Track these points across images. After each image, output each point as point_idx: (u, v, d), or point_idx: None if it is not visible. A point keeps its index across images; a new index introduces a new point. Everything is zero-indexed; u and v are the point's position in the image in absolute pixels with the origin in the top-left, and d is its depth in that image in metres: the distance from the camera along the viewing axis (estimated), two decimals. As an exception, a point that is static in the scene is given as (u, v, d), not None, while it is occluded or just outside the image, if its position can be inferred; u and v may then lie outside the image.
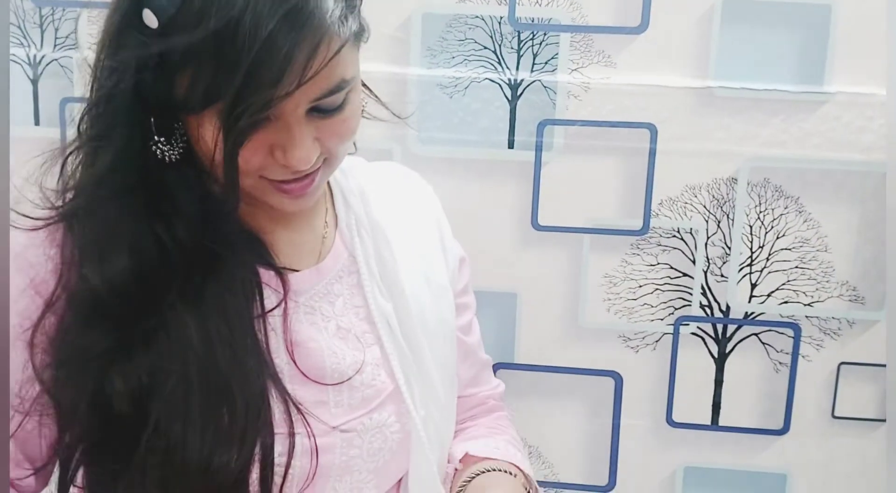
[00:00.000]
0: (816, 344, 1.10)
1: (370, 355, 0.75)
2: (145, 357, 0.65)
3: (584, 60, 1.06)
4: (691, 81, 1.06)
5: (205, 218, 0.68)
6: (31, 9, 1.12)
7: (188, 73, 0.60)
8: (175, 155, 0.66)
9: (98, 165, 0.65)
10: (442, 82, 1.08)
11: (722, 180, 1.07)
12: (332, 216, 0.79)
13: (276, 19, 0.57)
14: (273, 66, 0.58)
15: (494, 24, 1.06)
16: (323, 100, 0.63)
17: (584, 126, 1.07)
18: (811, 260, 1.08)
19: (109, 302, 0.64)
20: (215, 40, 0.58)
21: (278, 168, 0.65)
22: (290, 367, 0.71)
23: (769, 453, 1.13)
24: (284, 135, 0.63)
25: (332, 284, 0.76)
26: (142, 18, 0.61)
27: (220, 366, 0.66)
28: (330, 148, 0.67)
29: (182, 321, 0.66)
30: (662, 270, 1.10)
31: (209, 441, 0.64)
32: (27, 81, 1.14)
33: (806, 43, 1.04)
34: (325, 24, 0.60)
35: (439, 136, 1.09)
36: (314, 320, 0.74)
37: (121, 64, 0.62)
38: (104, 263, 0.65)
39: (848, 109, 1.04)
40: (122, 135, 0.64)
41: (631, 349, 1.12)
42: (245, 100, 0.58)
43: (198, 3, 0.58)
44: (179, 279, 0.66)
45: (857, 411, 1.11)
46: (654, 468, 1.14)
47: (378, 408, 0.75)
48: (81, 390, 0.64)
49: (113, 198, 0.65)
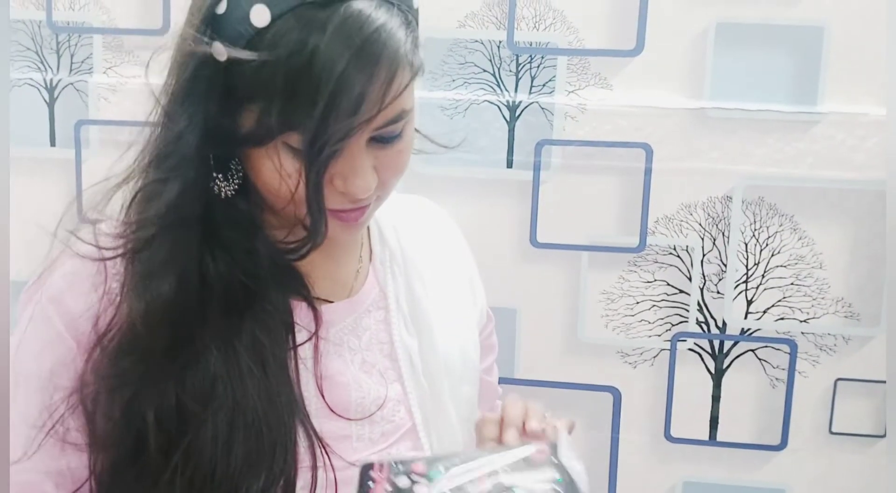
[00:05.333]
0: (813, 360, 1.11)
1: (392, 391, 0.76)
2: (177, 389, 0.65)
3: (580, 82, 1.09)
4: (686, 102, 1.08)
5: (252, 253, 0.69)
6: (49, 35, 1.17)
7: (258, 106, 0.61)
8: (231, 191, 0.67)
9: (164, 199, 0.65)
10: (443, 104, 1.11)
11: (717, 199, 1.09)
12: (367, 251, 0.80)
13: (351, 51, 0.58)
14: (350, 98, 0.59)
15: (493, 48, 1.10)
16: (384, 129, 0.64)
17: (581, 146, 1.10)
18: (806, 277, 1.10)
19: (144, 332, 0.65)
20: (289, 74, 0.58)
21: (337, 196, 0.66)
22: (317, 400, 0.71)
23: (767, 468, 1.14)
24: (346, 164, 0.64)
25: (362, 318, 0.77)
26: (211, 54, 0.61)
27: (251, 402, 0.66)
28: (385, 180, 0.68)
29: (213, 353, 0.66)
30: (659, 286, 1.12)
31: (236, 470, 0.65)
32: (44, 104, 1.18)
33: (799, 64, 1.07)
34: (399, 55, 0.61)
35: (440, 156, 1.11)
36: (341, 353, 0.74)
37: (193, 100, 0.63)
38: (148, 293, 0.65)
39: (841, 129, 1.06)
40: (189, 171, 0.65)
41: (629, 365, 1.14)
42: (326, 131, 0.59)
43: (269, 37, 0.59)
44: (217, 313, 0.67)
45: (855, 426, 1.12)
46: (653, 482, 1.16)
47: (396, 443, 0.75)
48: (112, 416, 0.65)
49: (171, 232, 0.66)
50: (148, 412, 0.65)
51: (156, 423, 0.65)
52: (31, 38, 1.17)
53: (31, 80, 1.17)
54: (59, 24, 1.16)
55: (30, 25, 1.16)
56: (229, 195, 0.67)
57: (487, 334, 0.90)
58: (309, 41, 0.58)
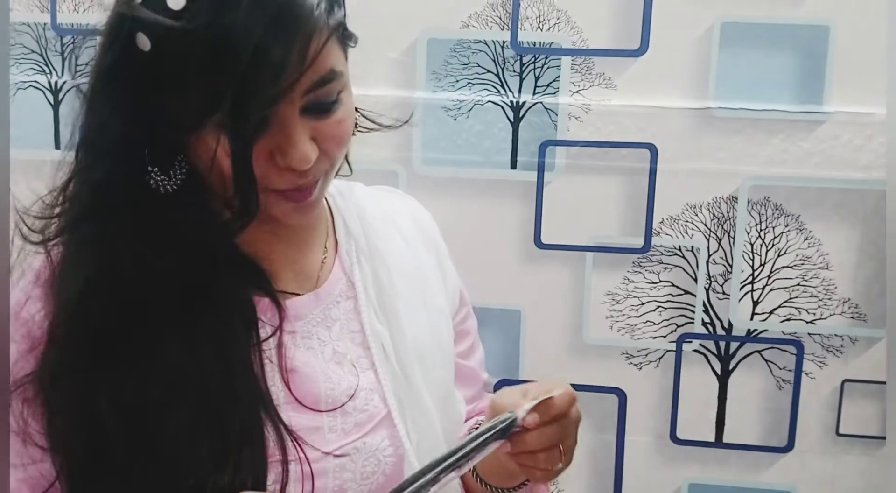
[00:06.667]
0: (819, 361, 1.10)
1: (364, 380, 0.76)
2: (130, 381, 0.65)
3: (584, 83, 1.09)
4: (691, 102, 1.07)
5: (202, 247, 0.68)
6: (53, 37, 1.17)
7: (181, 91, 0.61)
8: (171, 186, 0.67)
9: (86, 187, 0.66)
10: (446, 105, 1.10)
11: (722, 199, 1.09)
12: (332, 242, 0.80)
13: (265, 21, 0.59)
14: (268, 68, 0.59)
15: (497, 48, 1.09)
16: (316, 92, 0.64)
17: (585, 147, 1.09)
18: (812, 278, 1.09)
19: (66, 324, 0.66)
20: (206, 55, 0.59)
21: (281, 175, 0.66)
22: (285, 394, 0.71)
23: (774, 470, 1.13)
24: (282, 136, 0.64)
25: (330, 308, 0.77)
26: (135, 43, 0.62)
27: (212, 394, 0.66)
28: (327, 150, 0.68)
29: (171, 348, 0.66)
30: (664, 287, 1.11)
31: (203, 464, 0.65)
32: (48, 107, 1.18)
33: (804, 63, 1.06)
34: (313, 18, 0.62)
35: (443, 157, 1.11)
36: (311, 345, 0.74)
37: (115, 90, 0.64)
38: (67, 283, 0.66)
39: (847, 129, 1.06)
40: (112, 160, 0.65)
41: (634, 366, 1.13)
42: (246, 103, 0.60)
43: (186, 18, 0.60)
44: (173, 307, 0.67)
45: (862, 428, 1.11)
46: (659, 484, 1.15)
47: (371, 432, 0.75)
48: (67, 408, 0.66)
49: (93, 221, 0.66)
50: (99, 406, 0.65)
51: (113, 417, 0.65)
52: (36, 40, 1.17)
53: (35, 82, 1.17)
54: (63, 27, 1.16)
55: (34, 28, 1.16)
56: (169, 190, 0.67)
57: (461, 319, 0.89)
58: (224, 17, 0.59)
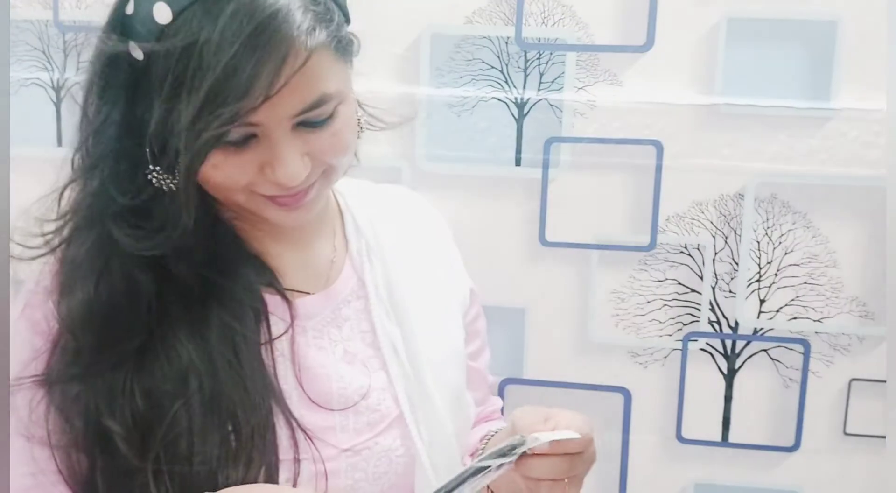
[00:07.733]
0: (826, 360, 1.10)
1: (376, 380, 0.76)
2: (138, 380, 0.66)
3: (590, 79, 1.08)
4: (697, 98, 1.07)
5: (208, 245, 0.69)
6: (56, 34, 1.16)
7: (164, 100, 0.61)
8: (174, 184, 0.66)
9: (83, 195, 0.67)
10: (450, 101, 1.10)
11: (729, 196, 1.08)
12: (341, 241, 0.80)
13: (240, 40, 0.59)
14: (237, 84, 0.59)
15: (501, 44, 1.08)
16: (308, 114, 0.64)
17: (590, 143, 1.08)
18: (820, 276, 1.08)
19: (71, 334, 0.66)
20: (181, 66, 0.60)
21: (269, 184, 0.66)
22: (297, 392, 0.72)
23: (780, 469, 1.12)
24: (270, 152, 0.64)
25: (341, 308, 0.77)
26: (129, 52, 0.63)
27: (224, 390, 0.67)
28: (325, 161, 0.67)
29: (181, 346, 0.67)
30: (670, 285, 1.10)
31: (215, 458, 0.65)
32: (50, 104, 1.17)
33: (811, 59, 1.05)
34: (292, 37, 0.60)
35: (447, 154, 1.10)
36: (322, 345, 0.74)
37: (109, 98, 0.65)
38: (70, 293, 0.67)
39: (854, 125, 1.05)
40: (108, 167, 0.66)
41: (640, 365, 1.12)
42: (203, 118, 0.59)
43: (171, 32, 0.60)
44: (180, 305, 0.67)
45: (869, 427, 1.10)
46: (664, 484, 1.14)
47: (383, 432, 0.75)
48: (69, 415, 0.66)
49: (92, 229, 0.67)
50: (103, 411, 0.65)
51: (120, 420, 0.65)
52: (38, 37, 1.16)
53: (38, 79, 1.17)
54: (65, 24, 1.15)
55: (37, 25, 1.16)
56: (172, 188, 0.66)
57: (472, 318, 0.89)
58: (202, 33, 0.59)
